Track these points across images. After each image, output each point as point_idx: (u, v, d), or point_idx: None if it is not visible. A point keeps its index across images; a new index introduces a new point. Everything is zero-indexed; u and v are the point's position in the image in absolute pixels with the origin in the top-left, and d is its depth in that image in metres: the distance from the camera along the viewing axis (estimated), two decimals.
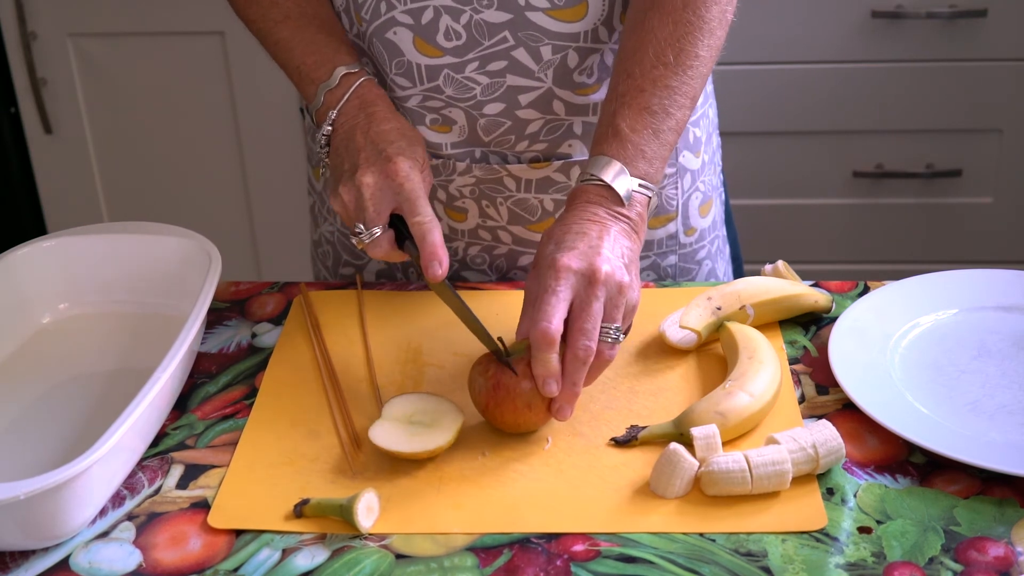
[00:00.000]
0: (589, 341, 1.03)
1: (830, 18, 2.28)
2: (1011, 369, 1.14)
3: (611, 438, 1.07)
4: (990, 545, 0.96)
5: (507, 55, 1.21)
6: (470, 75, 1.22)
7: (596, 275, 1.04)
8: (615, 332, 1.05)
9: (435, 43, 1.21)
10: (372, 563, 0.96)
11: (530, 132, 1.26)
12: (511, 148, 1.27)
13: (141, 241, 1.26)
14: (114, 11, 2.34)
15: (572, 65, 1.23)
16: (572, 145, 1.28)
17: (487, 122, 1.25)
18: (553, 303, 1.03)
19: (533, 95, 1.24)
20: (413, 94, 1.25)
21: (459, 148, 1.27)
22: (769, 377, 1.10)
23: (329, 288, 1.32)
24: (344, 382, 1.17)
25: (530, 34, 1.20)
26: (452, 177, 1.29)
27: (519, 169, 1.28)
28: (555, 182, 1.29)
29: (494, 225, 1.33)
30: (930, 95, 2.33)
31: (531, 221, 1.32)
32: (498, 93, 1.23)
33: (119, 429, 0.98)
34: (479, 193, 1.30)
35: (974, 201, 2.42)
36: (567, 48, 1.21)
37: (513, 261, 1.36)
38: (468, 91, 1.23)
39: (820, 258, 2.50)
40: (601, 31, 1.22)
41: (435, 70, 1.22)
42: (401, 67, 1.23)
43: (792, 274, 1.26)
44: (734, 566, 0.95)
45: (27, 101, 2.42)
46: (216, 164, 2.47)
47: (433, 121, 1.26)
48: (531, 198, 1.30)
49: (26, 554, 0.99)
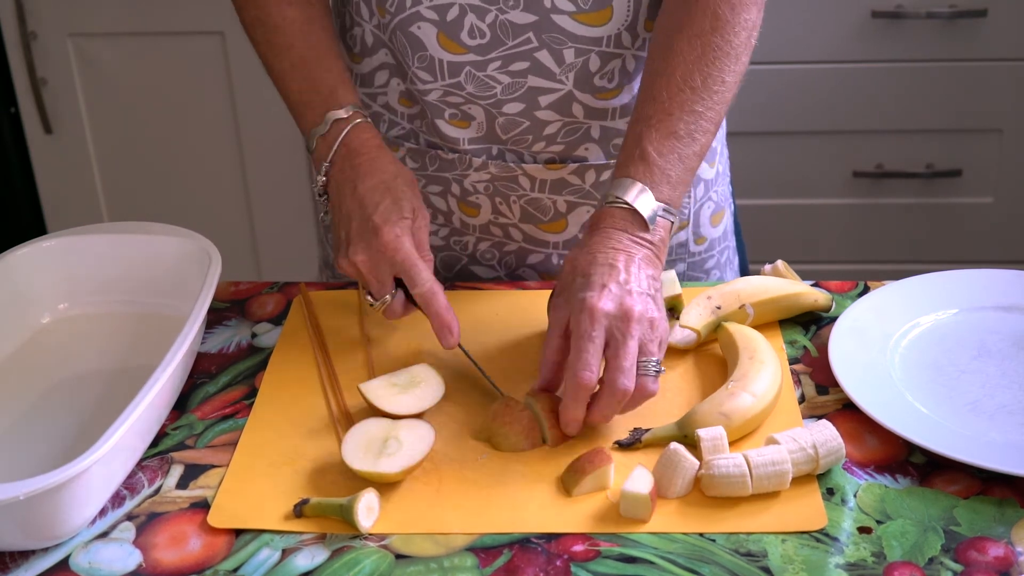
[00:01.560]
0: (628, 380, 1.03)
1: (830, 18, 2.28)
2: (1011, 369, 1.14)
3: (615, 441, 1.07)
4: (990, 545, 0.96)
5: (530, 56, 1.21)
6: (492, 73, 1.22)
7: (630, 316, 1.04)
8: (655, 365, 1.05)
9: (459, 40, 1.21)
10: (372, 563, 0.96)
11: (548, 133, 1.26)
12: (528, 148, 1.27)
13: (141, 241, 1.26)
14: (114, 11, 2.34)
15: (593, 69, 1.23)
16: (589, 149, 1.28)
17: (506, 121, 1.25)
18: (591, 351, 1.03)
19: (553, 97, 1.24)
20: (434, 88, 1.25)
21: (476, 144, 1.28)
22: (771, 377, 1.10)
23: (329, 288, 1.32)
24: (344, 382, 1.17)
25: (554, 36, 1.20)
26: (467, 172, 1.30)
27: (534, 169, 1.28)
28: (569, 184, 1.30)
29: (506, 222, 1.33)
30: (930, 95, 2.33)
31: (543, 221, 1.32)
32: (518, 93, 1.23)
33: (119, 429, 0.98)
34: (493, 190, 1.31)
35: (974, 201, 2.42)
36: (590, 52, 1.21)
37: (522, 259, 1.36)
38: (489, 89, 1.23)
39: (820, 258, 2.50)
40: (624, 36, 1.22)
41: (457, 67, 1.23)
42: (423, 61, 1.23)
43: (792, 274, 1.26)
44: (734, 566, 0.95)
45: (27, 101, 2.42)
46: (216, 164, 2.47)
47: (452, 116, 1.26)
48: (544, 198, 1.30)
49: (26, 554, 0.99)
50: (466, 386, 1.15)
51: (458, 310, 1.25)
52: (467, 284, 1.32)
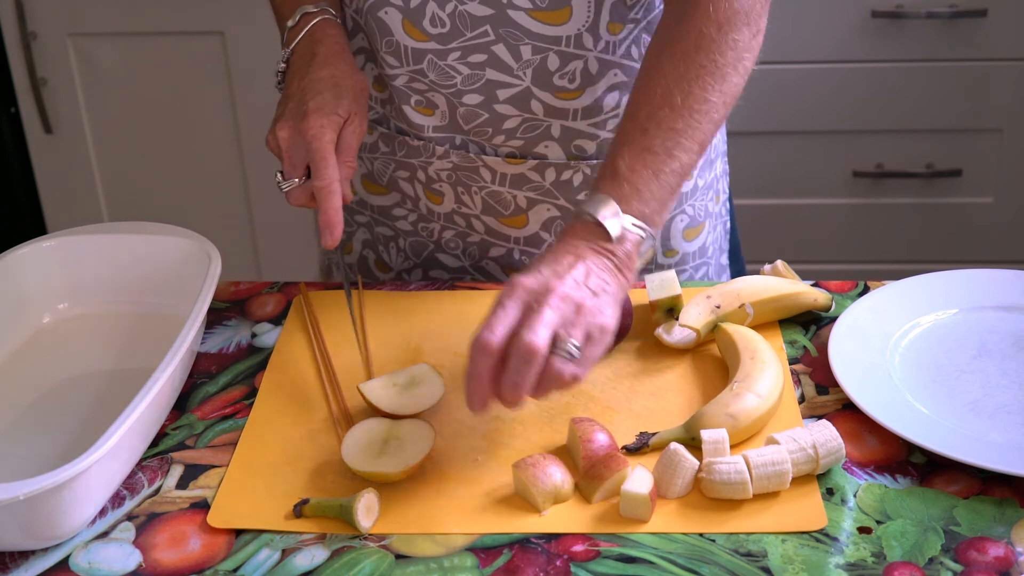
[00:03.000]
0: (534, 337, 0.95)
1: (830, 18, 2.28)
2: (1011, 369, 1.14)
3: (622, 447, 1.07)
4: (990, 545, 0.96)
5: (487, 49, 1.22)
6: (452, 63, 1.23)
7: (550, 290, 0.98)
8: (571, 346, 0.97)
9: (422, 27, 1.22)
10: (372, 563, 0.96)
11: (507, 128, 1.27)
12: (488, 140, 1.28)
13: (141, 241, 1.26)
14: (114, 11, 2.34)
15: (552, 68, 1.23)
16: (548, 147, 1.28)
17: (466, 111, 1.26)
18: (500, 316, 0.97)
19: (511, 92, 1.24)
20: (400, 74, 1.27)
21: (440, 132, 1.29)
22: (774, 377, 1.10)
23: (329, 288, 1.32)
24: (344, 382, 1.17)
25: (510, 31, 1.21)
26: (431, 160, 1.31)
27: (495, 162, 1.29)
28: (529, 180, 1.30)
29: (468, 212, 1.34)
30: (930, 95, 2.33)
31: (503, 215, 1.33)
32: (477, 85, 1.24)
33: (119, 429, 0.98)
34: (456, 179, 1.32)
35: (974, 201, 2.42)
36: (548, 50, 1.22)
37: (485, 250, 1.37)
38: (449, 79, 1.24)
39: (820, 258, 2.50)
40: (586, 38, 1.21)
41: (420, 54, 1.24)
42: (390, 46, 1.25)
43: (791, 273, 1.26)
44: (734, 566, 0.95)
45: (27, 101, 2.42)
46: (216, 164, 2.47)
47: (418, 103, 1.28)
48: (505, 192, 1.31)
49: (26, 554, 0.99)
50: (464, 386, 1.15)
51: (456, 311, 1.26)
52: (466, 284, 1.32)
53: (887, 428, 1.05)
